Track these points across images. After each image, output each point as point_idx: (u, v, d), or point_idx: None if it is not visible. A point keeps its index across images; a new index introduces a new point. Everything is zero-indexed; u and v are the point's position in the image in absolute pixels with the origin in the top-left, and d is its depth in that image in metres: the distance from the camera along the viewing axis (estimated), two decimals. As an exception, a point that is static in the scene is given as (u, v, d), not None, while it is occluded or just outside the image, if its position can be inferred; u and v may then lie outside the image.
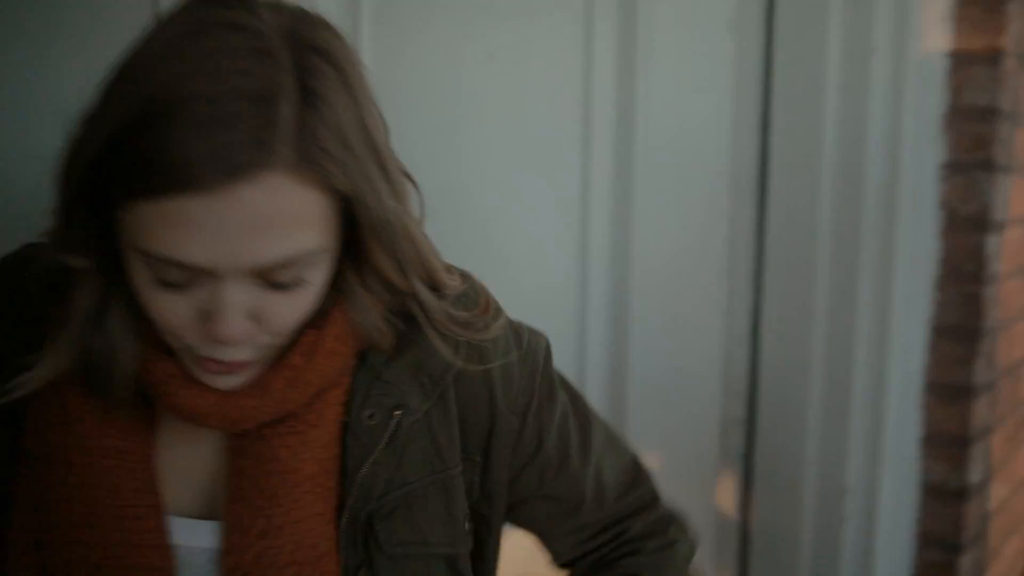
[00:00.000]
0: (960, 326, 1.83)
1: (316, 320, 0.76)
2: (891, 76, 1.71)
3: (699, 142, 1.69)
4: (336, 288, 0.77)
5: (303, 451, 0.78)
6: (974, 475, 1.88)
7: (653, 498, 1.03)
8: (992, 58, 1.77)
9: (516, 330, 0.90)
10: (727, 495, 1.88)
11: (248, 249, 0.66)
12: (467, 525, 0.87)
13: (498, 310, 0.88)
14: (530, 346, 0.90)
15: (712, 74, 1.69)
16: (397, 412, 0.81)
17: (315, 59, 0.67)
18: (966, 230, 1.81)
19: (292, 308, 0.71)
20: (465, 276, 0.87)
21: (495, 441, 0.88)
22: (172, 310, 0.70)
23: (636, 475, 1.02)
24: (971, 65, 1.79)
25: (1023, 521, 2.35)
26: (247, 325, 0.69)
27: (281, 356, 0.77)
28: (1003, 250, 1.88)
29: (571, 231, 1.53)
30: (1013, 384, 2.12)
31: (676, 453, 1.71)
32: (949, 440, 1.83)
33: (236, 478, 0.78)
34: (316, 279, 0.72)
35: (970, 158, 1.80)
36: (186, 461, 0.81)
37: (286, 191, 0.65)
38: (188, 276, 0.68)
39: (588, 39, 1.49)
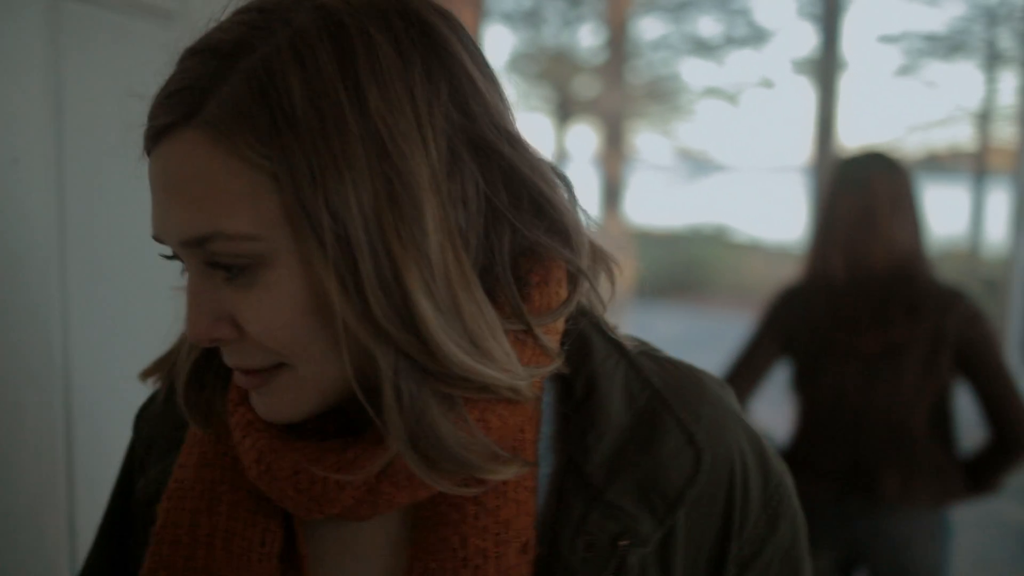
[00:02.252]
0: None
1: None
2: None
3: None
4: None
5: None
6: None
7: None
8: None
9: (759, 444, 0.69)
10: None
11: (172, 216, 0.59)
12: None
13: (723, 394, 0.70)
14: (780, 480, 0.69)
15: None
16: (623, 542, 0.63)
17: (316, 37, 0.57)
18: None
19: (256, 310, 0.59)
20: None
21: None
22: (185, 307, 0.62)
23: None
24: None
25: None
26: (218, 323, 0.60)
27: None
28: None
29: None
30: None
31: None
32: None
33: None
34: (278, 282, 0.58)
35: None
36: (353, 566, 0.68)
37: (203, 153, 0.57)
38: (175, 258, 0.62)
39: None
